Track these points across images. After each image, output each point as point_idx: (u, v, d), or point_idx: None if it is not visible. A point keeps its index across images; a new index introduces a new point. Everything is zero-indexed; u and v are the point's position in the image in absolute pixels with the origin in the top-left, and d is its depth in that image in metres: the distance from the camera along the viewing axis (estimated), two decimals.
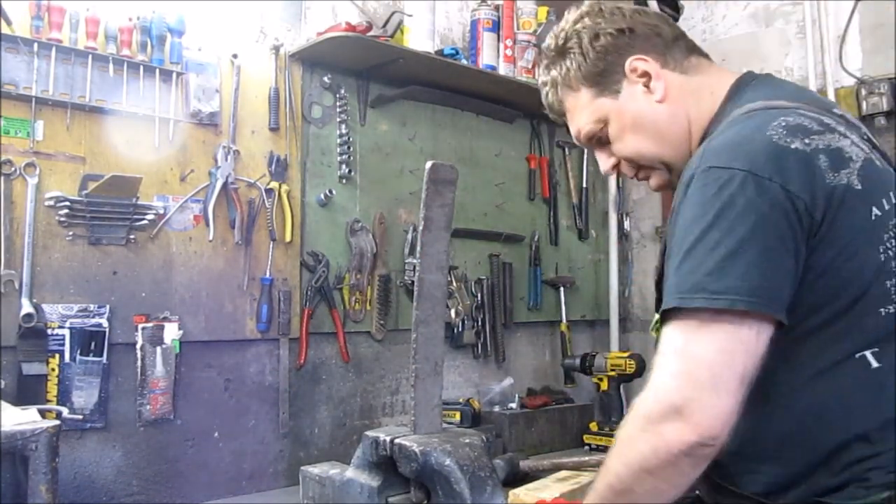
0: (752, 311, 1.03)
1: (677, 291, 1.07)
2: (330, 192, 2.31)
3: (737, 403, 1.03)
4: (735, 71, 1.33)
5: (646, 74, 1.29)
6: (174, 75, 1.99)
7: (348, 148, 2.36)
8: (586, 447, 2.54)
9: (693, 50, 1.34)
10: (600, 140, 1.37)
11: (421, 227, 1.67)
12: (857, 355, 1.09)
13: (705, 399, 1.02)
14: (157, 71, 1.95)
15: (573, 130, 1.41)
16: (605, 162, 1.40)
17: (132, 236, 1.92)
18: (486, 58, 2.57)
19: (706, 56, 1.37)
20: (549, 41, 1.40)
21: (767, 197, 1.05)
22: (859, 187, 1.09)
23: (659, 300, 1.19)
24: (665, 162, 1.31)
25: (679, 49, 1.32)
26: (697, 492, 1.29)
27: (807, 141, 1.09)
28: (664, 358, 1.08)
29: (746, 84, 1.28)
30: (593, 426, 2.57)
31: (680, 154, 1.29)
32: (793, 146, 1.08)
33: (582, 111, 1.36)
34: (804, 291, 1.08)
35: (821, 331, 1.10)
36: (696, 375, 1.04)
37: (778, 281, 1.05)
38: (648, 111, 1.29)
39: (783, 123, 1.10)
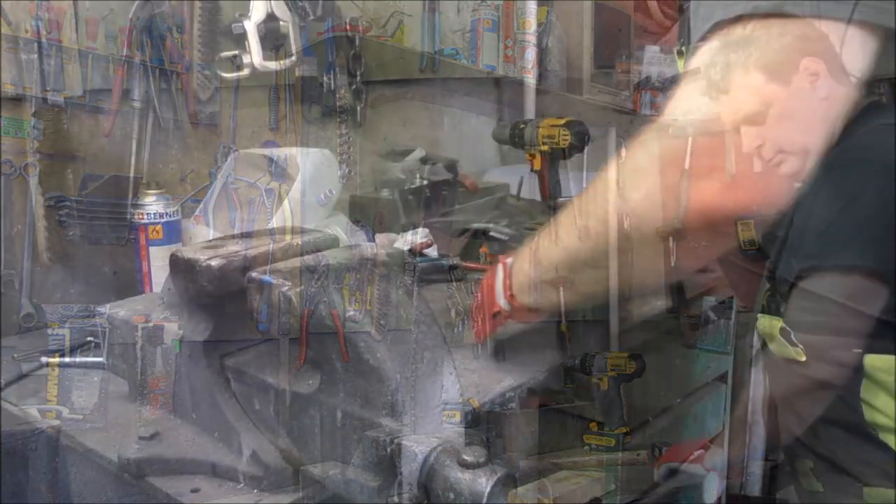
0: (862, 267, 1.26)
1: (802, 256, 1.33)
2: (330, 191, 2.30)
3: (851, 356, 1.27)
4: None
5: None
6: (174, 75, 1.99)
7: (348, 148, 2.36)
8: (586, 447, 2.53)
9: None
10: None
11: (421, 227, 1.67)
12: None
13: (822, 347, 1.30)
14: (157, 71, 1.96)
15: None
16: None
17: (132, 236, 1.92)
18: (486, 58, 2.57)
19: None
20: None
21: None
22: None
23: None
24: None
25: None
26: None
27: None
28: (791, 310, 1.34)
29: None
30: (593, 426, 2.56)
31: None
32: None
33: None
34: None
35: None
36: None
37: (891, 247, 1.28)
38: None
39: None
